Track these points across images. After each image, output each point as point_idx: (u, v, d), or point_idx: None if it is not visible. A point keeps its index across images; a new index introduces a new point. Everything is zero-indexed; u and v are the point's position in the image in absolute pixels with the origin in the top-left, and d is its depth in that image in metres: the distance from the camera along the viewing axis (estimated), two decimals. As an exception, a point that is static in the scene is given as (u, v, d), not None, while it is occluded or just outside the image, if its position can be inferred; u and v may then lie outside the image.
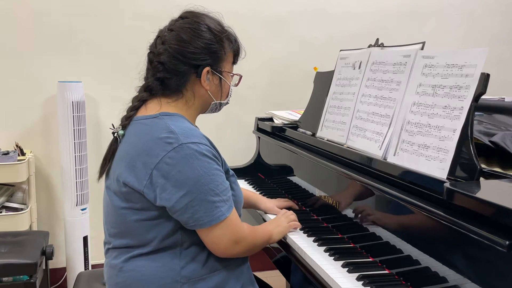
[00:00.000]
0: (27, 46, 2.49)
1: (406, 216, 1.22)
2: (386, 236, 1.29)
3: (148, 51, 1.34)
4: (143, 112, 1.30)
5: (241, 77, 1.42)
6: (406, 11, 3.02)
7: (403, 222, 1.24)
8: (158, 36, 1.33)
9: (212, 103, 1.37)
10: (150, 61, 1.33)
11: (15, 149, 2.41)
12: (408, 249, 1.20)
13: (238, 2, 2.75)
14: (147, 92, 1.30)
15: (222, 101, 1.40)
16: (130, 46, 2.56)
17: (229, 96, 1.42)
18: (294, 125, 2.13)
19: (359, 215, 1.42)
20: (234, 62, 1.41)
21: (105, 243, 1.36)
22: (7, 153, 2.34)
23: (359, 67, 1.71)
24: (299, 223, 1.55)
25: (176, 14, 1.36)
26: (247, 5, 2.77)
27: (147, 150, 1.20)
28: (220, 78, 1.35)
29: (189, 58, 1.28)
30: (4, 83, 2.49)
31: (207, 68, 1.30)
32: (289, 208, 1.73)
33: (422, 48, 1.44)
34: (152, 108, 1.29)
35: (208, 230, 1.21)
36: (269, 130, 2.22)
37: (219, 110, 1.42)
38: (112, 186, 1.28)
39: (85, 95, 2.46)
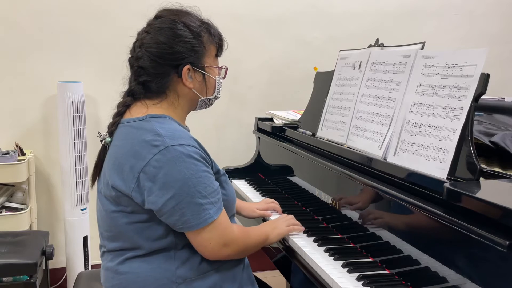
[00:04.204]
0: (27, 46, 2.49)
1: (406, 216, 1.22)
2: (386, 236, 1.29)
3: (129, 55, 1.32)
4: (127, 116, 1.28)
5: (226, 69, 1.39)
6: (406, 11, 3.01)
7: (403, 222, 1.24)
8: (136, 40, 1.31)
9: (200, 99, 1.34)
10: (131, 66, 1.31)
11: (15, 149, 2.41)
12: (408, 249, 1.20)
13: (238, 2, 2.74)
14: (131, 97, 1.29)
15: (210, 97, 1.36)
16: (130, 46, 2.55)
17: (216, 90, 1.37)
18: (294, 125, 2.13)
19: (359, 215, 1.42)
20: (218, 55, 1.37)
21: (100, 246, 1.35)
22: (7, 153, 2.34)
23: (359, 67, 1.71)
24: (300, 227, 1.52)
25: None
26: (247, 5, 2.76)
27: (134, 153, 1.19)
28: (204, 74, 1.31)
29: (167, 59, 1.25)
30: (4, 83, 2.49)
31: (187, 66, 1.27)
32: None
33: (422, 48, 1.44)
34: (137, 111, 1.27)
35: (196, 233, 1.19)
36: (269, 130, 2.22)
37: (209, 105, 1.39)
38: (103, 190, 1.27)
39: (85, 95, 2.46)
